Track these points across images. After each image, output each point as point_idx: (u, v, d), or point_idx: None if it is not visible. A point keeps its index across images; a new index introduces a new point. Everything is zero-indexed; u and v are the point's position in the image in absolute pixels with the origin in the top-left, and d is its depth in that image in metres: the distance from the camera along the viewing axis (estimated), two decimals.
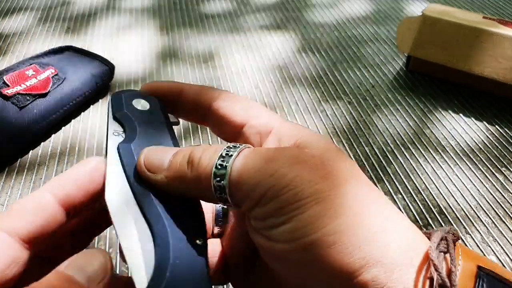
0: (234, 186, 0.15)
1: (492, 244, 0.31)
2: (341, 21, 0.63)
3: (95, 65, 0.48)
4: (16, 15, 0.64)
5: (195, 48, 0.56)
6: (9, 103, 0.41)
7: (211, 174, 0.15)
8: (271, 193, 0.14)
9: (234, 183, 0.14)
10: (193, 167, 0.15)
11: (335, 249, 0.13)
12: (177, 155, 0.16)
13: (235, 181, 0.14)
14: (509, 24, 0.45)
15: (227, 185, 0.15)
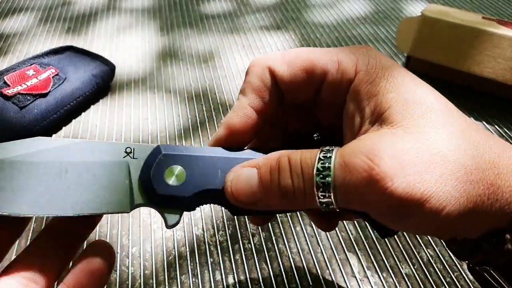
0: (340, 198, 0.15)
1: None
2: (341, 21, 0.63)
3: (96, 65, 0.48)
4: (17, 15, 0.65)
5: (195, 48, 0.56)
6: (10, 103, 0.41)
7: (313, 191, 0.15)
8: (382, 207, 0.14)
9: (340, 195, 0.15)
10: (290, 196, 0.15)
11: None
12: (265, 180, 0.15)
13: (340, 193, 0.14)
14: (509, 24, 0.45)
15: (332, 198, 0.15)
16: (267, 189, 0.15)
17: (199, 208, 0.34)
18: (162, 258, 0.31)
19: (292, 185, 0.15)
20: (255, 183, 0.16)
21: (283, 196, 0.15)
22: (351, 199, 0.15)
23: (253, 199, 0.16)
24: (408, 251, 0.31)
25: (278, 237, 0.32)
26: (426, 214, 0.14)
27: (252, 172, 0.16)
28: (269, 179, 0.15)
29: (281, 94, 0.18)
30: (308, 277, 0.29)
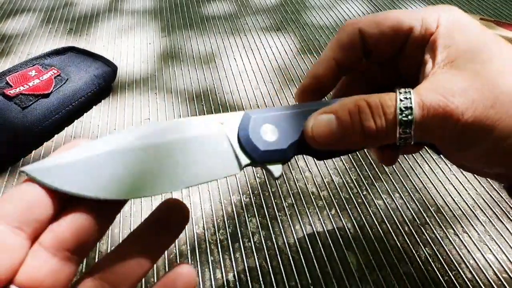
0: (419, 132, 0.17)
1: (489, 242, 0.32)
2: (340, 22, 0.63)
3: (98, 66, 0.48)
4: (19, 16, 0.65)
5: (196, 49, 0.57)
6: (12, 103, 0.42)
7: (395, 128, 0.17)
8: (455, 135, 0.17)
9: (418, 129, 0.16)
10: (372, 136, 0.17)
11: None
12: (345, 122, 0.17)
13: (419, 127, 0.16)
14: (506, 25, 0.46)
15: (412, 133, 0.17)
16: (348, 130, 0.17)
17: (200, 207, 0.35)
18: (163, 257, 0.31)
19: (375, 125, 0.17)
20: (334, 126, 0.17)
21: (365, 136, 0.17)
22: (427, 133, 0.17)
23: (333, 141, 0.18)
24: (406, 250, 0.31)
25: (278, 235, 0.33)
26: (494, 140, 0.16)
27: (330, 117, 0.18)
28: (349, 121, 0.17)
29: (367, 52, 0.21)
30: (307, 275, 0.30)
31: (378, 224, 0.33)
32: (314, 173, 0.38)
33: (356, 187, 0.37)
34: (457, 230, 0.33)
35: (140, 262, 0.16)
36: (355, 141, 0.17)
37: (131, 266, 0.15)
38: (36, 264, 0.13)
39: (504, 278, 0.29)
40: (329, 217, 0.34)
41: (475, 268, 0.30)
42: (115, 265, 0.15)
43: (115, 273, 0.15)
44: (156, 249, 0.16)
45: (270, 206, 0.35)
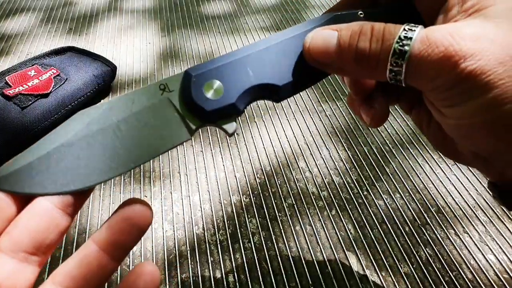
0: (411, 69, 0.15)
1: (490, 243, 0.32)
2: None
3: (97, 65, 0.48)
4: (18, 16, 0.65)
5: (195, 48, 0.56)
6: (11, 103, 0.42)
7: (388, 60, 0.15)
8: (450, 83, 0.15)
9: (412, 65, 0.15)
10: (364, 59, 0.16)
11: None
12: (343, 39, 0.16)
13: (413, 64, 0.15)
14: None
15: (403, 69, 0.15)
16: (344, 49, 0.16)
17: (200, 207, 0.35)
18: (163, 257, 0.31)
19: (369, 48, 0.16)
20: (333, 43, 0.16)
21: (356, 59, 0.16)
22: (421, 73, 0.15)
23: (327, 59, 0.16)
24: (407, 251, 0.31)
25: (278, 236, 0.32)
26: (489, 100, 0.14)
27: (332, 33, 0.17)
28: (347, 41, 0.16)
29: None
30: (308, 276, 0.30)
31: (378, 225, 0.33)
32: (315, 174, 0.38)
33: (357, 187, 0.37)
34: (458, 230, 0.33)
35: (101, 264, 0.15)
36: (346, 62, 0.16)
37: (92, 270, 0.15)
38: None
39: (505, 279, 0.29)
40: (330, 217, 0.34)
41: (476, 268, 0.30)
42: (76, 269, 0.15)
43: (76, 278, 0.15)
44: (118, 251, 0.16)
45: (270, 206, 0.35)
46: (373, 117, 0.20)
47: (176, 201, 0.35)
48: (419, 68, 0.15)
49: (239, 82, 0.18)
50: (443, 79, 0.15)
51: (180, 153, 0.40)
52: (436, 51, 0.14)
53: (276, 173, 0.38)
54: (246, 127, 0.43)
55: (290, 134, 0.42)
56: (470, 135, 0.16)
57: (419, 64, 0.15)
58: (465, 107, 0.15)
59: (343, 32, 0.16)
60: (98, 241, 0.15)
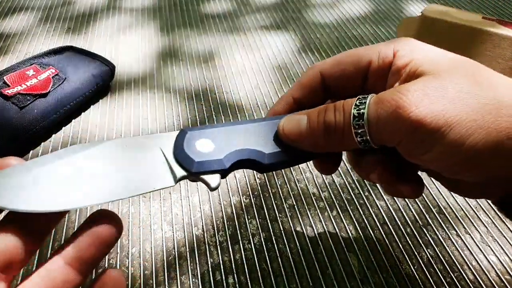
0: (374, 134, 0.17)
1: (492, 244, 0.32)
2: (341, 21, 0.63)
3: (96, 65, 0.48)
4: (17, 15, 0.65)
5: (195, 48, 0.56)
6: (10, 103, 0.41)
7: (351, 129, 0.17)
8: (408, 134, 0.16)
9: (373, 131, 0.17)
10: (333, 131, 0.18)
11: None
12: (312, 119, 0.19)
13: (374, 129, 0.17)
14: (509, 24, 0.45)
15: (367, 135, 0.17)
16: (313, 126, 0.19)
17: (199, 208, 0.34)
18: (162, 258, 0.31)
19: (334, 119, 0.18)
20: (304, 123, 0.19)
21: (326, 130, 0.18)
22: (382, 130, 0.17)
23: (301, 138, 0.19)
24: (408, 252, 0.31)
25: (278, 237, 0.32)
26: (451, 142, 0.15)
27: (303, 117, 0.19)
28: (316, 119, 0.19)
29: (327, 91, 0.22)
30: (308, 277, 0.29)
31: (380, 226, 0.33)
32: (315, 174, 0.38)
33: (358, 188, 0.36)
34: (460, 231, 0.33)
35: (66, 279, 0.15)
36: (317, 136, 0.19)
37: (56, 284, 0.15)
38: None
39: (507, 280, 0.29)
40: (330, 218, 0.34)
41: (477, 269, 0.30)
42: (41, 284, 0.15)
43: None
44: (85, 266, 0.16)
45: (270, 207, 0.35)
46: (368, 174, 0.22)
47: (175, 202, 0.35)
48: (378, 125, 0.17)
49: (229, 144, 0.19)
50: (401, 131, 0.16)
51: None
52: (388, 106, 0.16)
53: (277, 174, 0.38)
54: None
55: None
56: (456, 172, 0.17)
57: (378, 122, 0.17)
58: (433, 154, 0.16)
59: (311, 113, 0.19)
60: (65, 256, 0.15)
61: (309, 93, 0.22)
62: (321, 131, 0.18)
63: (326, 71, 0.22)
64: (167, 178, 0.18)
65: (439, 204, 0.35)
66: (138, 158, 0.18)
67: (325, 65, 0.22)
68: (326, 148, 0.19)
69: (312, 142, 0.19)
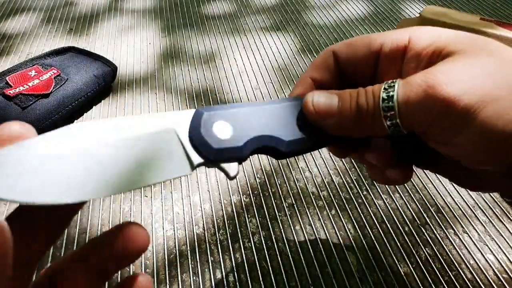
0: (404, 119, 0.16)
1: (490, 243, 0.32)
2: (340, 22, 0.63)
3: (98, 66, 0.48)
4: (19, 16, 0.65)
5: (196, 49, 0.57)
6: (12, 103, 0.42)
7: (381, 114, 0.17)
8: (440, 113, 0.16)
9: (404, 116, 0.16)
10: (364, 113, 0.17)
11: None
12: (344, 100, 0.18)
13: (404, 114, 0.16)
14: (507, 25, 0.46)
15: (398, 120, 0.17)
16: (346, 107, 0.18)
17: (200, 207, 0.35)
18: (163, 257, 0.31)
19: (366, 103, 0.17)
20: (335, 102, 0.18)
21: (357, 112, 0.18)
22: (412, 111, 0.16)
23: (329, 114, 0.18)
24: (406, 250, 0.31)
25: (278, 236, 0.33)
26: (484, 121, 0.15)
27: (334, 96, 0.18)
28: (348, 100, 0.18)
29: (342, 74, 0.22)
30: (308, 276, 0.30)
31: (378, 224, 0.33)
32: (314, 174, 0.38)
33: (356, 187, 0.37)
34: (457, 230, 0.33)
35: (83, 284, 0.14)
36: (348, 118, 0.18)
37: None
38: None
39: (504, 279, 0.29)
40: (329, 217, 0.34)
41: (475, 268, 0.30)
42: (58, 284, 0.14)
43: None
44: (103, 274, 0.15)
45: (270, 206, 0.35)
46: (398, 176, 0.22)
47: (177, 201, 0.35)
48: (408, 107, 0.16)
49: (249, 130, 0.18)
50: (433, 112, 0.16)
51: None
52: (418, 87, 0.16)
53: (276, 173, 0.38)
54: None
55: None
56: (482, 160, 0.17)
57: (408, 103, 0.16)
58: (463, 136, 0.16)
59: (342, 94, 0.18)
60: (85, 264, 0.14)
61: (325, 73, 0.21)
62: (353, 113, 0.18)
63: (338, 50, 0.21)
64: (184, 166, 0.16)
65: (437, 203, 0.35)
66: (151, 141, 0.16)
67: (338, 46, 0.21)
68: (353, 132, 0.18)
69: (340, 123, 0.18)
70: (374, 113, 0.17)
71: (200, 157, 0.16)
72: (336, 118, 0.18)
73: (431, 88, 0.16)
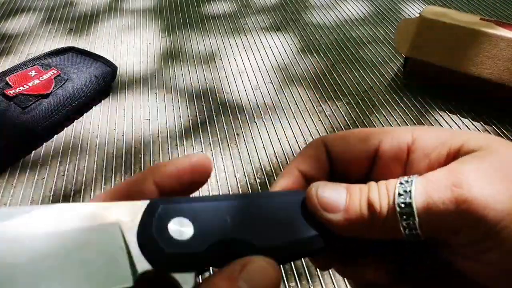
0: (424, 223, 0.14)
1: None
2: (340, 22, 0.63)
3: (98, 66, 0.48)
4: (19, 16, 0.65)
5: (196, 49, 0.57)
6: (12, 103, 0.42)
7: (396, 214, 0.14)
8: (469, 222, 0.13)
9: (424, 220, 0.14)
10: (376, 212, 0.15)
11: None
12: (353, 194, 0.16)
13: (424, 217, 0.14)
14: (506, 25, 0.46)
15: (417, 223, 0.14)
16: (355, 202, 0.16)
17: None
18: None
19: (379, 197, 0.15)
20: (343, 196, 0.16)
21: (368, 210, 0.15)
22: (433, 214, 0.14)
23: (336, 210, 0.16)
24: None
25: None
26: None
27: (341, 188, 0.16)
28: (358, 195, 0.16)
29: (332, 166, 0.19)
30: (308, 276, 0.30)
31: None
32: None
33: None
34: None
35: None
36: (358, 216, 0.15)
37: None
38: None
39: None
40: None
41: None
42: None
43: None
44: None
45: None
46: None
47: None
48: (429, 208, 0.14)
49: (215, 231, 0.14)
50: (459, 219, 0.14)
51: (181, 153, 0.41)
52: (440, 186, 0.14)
53: (276, 173, 0.38)
54: (246, 127, 0.43)
55: (290, 134, 0.43)
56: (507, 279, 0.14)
57: (428, 205, 0.14)
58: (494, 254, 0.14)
59: (351, 187, 0.16)
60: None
61: (315, 166, 0.19)
62: (363, 209, 0.16)
63: (331, 143, 0.19)
64: (123, 274, 0.13)
65: None
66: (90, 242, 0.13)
67: (330, 138, 0.19)
68: (361, 232, 0.16)
69: (347, 220, 0.16)
70: (387, 209, 0.15)
71: (147, 263, 0.13)
72: (342, 214, 0.16)
73: (458, 187, 0.13)
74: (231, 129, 0.43)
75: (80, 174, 0.38)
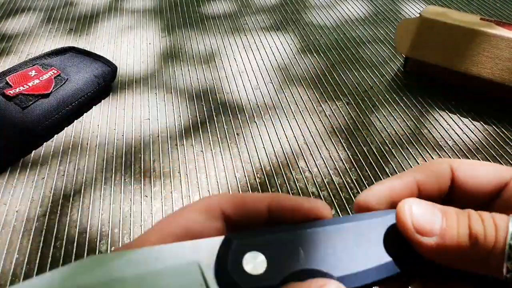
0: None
1: None
2: (340, 22, 0.63)
3: (98, 66, 0.48)
4: (19, 16, 0.65)
5: (196, 49, 0.57)
6: (12, 103, 0.42)
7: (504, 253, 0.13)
8: None
9: None
10: (478, 245, 0.14)
11: None
12: (450, 220, 0.15)
13: None
14: (506, 25, 0.46)
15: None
16: (453, 227, 0.14)
17: None
18: None
19: (484, 232, 0.14)
20: (439, 217, 0.15)
21: (469, 240, 0.14)
22: None
23: (431, 232, 0.15)
24: None
25: None
26: None
27: (434, 208, 0.15)
28: (456, 221, 0.15)
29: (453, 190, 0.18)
30: None
31: None
32: (314, 174, 0.38)
33: (356, 187, 0.37)
34: None
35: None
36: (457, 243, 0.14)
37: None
38: None
39: None
40: None
41: None
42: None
43: None
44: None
45: None
46: None
47: (177, 201, 0.35)
48: None
49: (286, 261, 0.15)
50: None
51: (181, 153, 0.41)
52: None
53: (276, 173, 0.38)
54: (246, 127, 0.43)
55: (290, 134, 0.43)
56: None
57: None
58: None
59: (448, 210, 0.15)
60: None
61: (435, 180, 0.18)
62: (462, 239, 0.14)
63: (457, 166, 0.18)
64: None
65: None
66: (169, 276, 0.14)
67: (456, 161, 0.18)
68: (453, 261, 0.15)
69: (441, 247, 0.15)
70: (493, 245, 0.14)
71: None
72: (437, 238, 0.14)
73: None
74: (231, 129, 0.43)
75: (80, 174, 0.38)
